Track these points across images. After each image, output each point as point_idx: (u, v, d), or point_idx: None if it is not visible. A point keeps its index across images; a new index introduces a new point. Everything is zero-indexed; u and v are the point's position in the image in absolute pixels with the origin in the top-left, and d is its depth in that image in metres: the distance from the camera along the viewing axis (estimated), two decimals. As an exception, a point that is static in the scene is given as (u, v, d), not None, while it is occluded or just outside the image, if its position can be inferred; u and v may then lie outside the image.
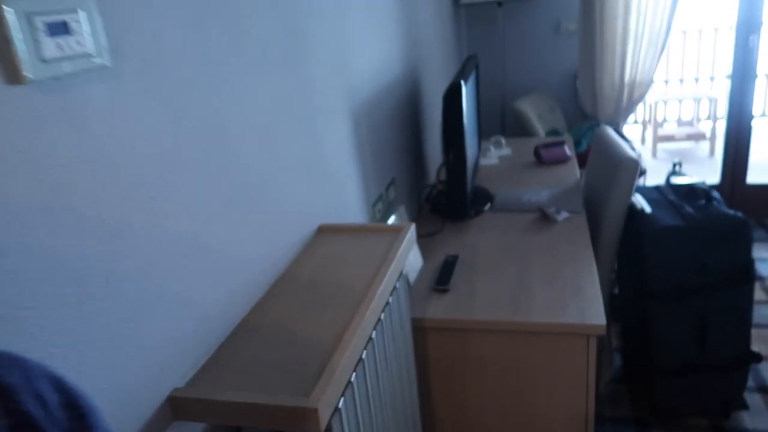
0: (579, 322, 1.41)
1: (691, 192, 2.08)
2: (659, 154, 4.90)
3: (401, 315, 1.18)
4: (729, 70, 3.38)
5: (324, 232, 1.24)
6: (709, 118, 4.85)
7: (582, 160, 3.02)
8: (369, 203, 1.61)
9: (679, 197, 2.08)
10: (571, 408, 1.50)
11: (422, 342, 1.52)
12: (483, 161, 2.65)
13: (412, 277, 1.67)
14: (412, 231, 1.18)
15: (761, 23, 3.21)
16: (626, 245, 2.08)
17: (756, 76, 3.32)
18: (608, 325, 2.32)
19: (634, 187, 2.04)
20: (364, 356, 0.92)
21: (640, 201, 2.07)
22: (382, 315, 1.04)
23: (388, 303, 1.08)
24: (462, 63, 2.12)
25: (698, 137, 4.85)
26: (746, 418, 2.10)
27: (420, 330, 1.51)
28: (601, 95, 3.35)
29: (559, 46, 3.47)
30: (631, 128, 5.27)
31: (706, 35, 5.18)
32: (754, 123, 3.43)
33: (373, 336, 0.98)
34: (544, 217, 2.01)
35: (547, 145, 2.60)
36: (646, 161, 4.73)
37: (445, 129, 1.83)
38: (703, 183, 2.14)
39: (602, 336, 2.17)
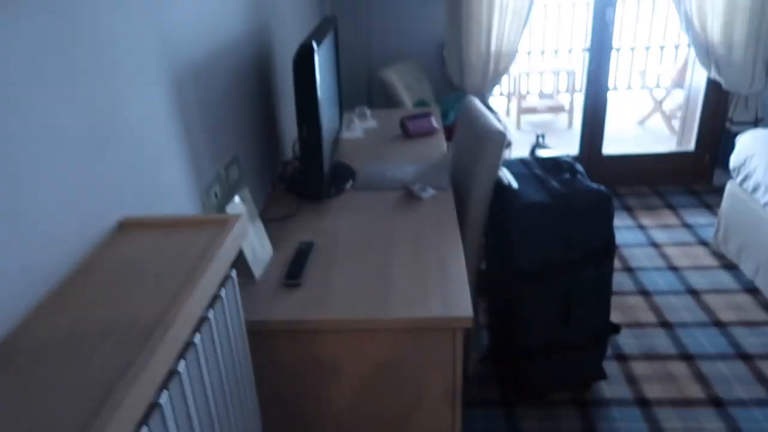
0: (444, 315, 1.27)
1: (557, 166, 2.02)
2: (523, 126, 5.01)
3: (231, 328, 0.95)
4: (586, 43, 3.44)
5: (127, 228, 0.97)
6: (567, 90, 5.01)
7: (449, 133, 2.92)
8: (201, 186, 1.35)
9: (545, 171, 2.02)
10: (436, 401, 1.36)
11: (268, 348, 1.30)
12: (346, 134, 2.45)
13: (259, 271, 1.43)
14: (241, 225, 0.94)
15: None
16: (493, 221, 1.99)
17: (611, 48, 3.41)
18: (475, 304, 2.24)
19: (501, 161, 1.94)
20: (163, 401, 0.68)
21: (506, 176, 1.98)
22: (197, 337, 0.80)
23: (206, 319, 0.84)
24: (317, 25, 1.88)
25: (558, 109, 5.01)
26: (605, 388, 2.12)
27: (265, 335, 1.29)
28: (468, 65, 3.27)
29: (426, 14, 3.33)
30: (496, 100, 5.34)
31: (564, 9, 5.34)
32: (608, 95, 3.54)
33: (181, 370, 0.74)
34: (409, 195, 1.86)
35: (414, 117, 2.45)
36: (511, 133, 4.81)
37: (297, 98, 1.59)
38: (568, 156, 2.09)
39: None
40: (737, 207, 2.71)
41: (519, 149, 4.18)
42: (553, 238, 1.84)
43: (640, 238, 3.10)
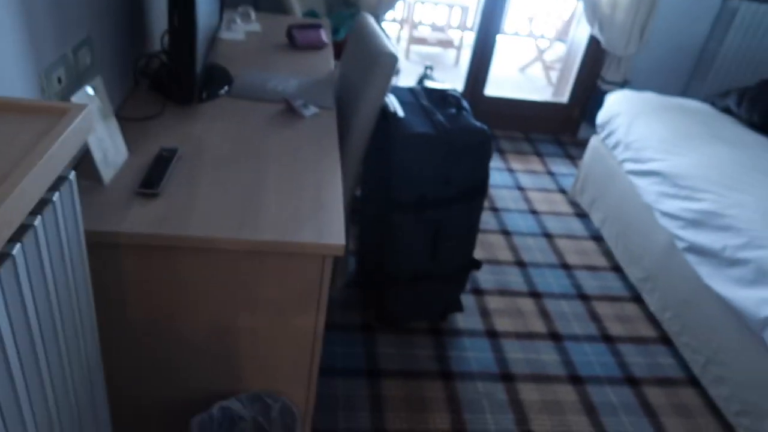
0: (316, 241, 1.20)
1: (444, 99, 1.99)
2: (411, 56, 4.94)
3: (66, 241, 0.81)
4: (485, -21, 3.39)
5: (-70, 103, 0.77)
6: (459, 26, 4.99)
7: (338, 50, 2.78)
8: (40, 67, 1.13)
9: (431, 103, 1.98)
10: (298, 325, 1.32)
11: (115, 263, 1.16)
12: (225, 35, 2.22)
13: (109, 175, 1.26)
14: (85, 116, 0.79)
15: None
16: (375, 148, 1.93)
17: (507, -11, 3.40)
18: (346, 230, 2.20)
19: (390, 86, 1.87)
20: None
21: (393, 102, 1.91)
22: (16, 248, 0.66)
23: (31, 227, 0.70)
24: None
25: (448, 44, 4.99)
26: (460, 319, 2.23)
27: (112, 248, 1.14)
28: (365, -19, 3.10)
29: None
30: (387, 26, 5.19)
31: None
32: (498, 38, 3.56)
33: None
34: (289, 110, 1.73)
35: (302, 27, 2.27)
36: (400, 62, 4.73)
37: (169, -21, 1.38)
38: (455, 90, 2.07)
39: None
40: (597, 161, 2.90)
41: (406, 79, 4.12)
42: (432, 172, 1.82)
43: (508, 180, 3.23)
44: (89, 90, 1.24)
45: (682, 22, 3.54)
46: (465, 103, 1.98)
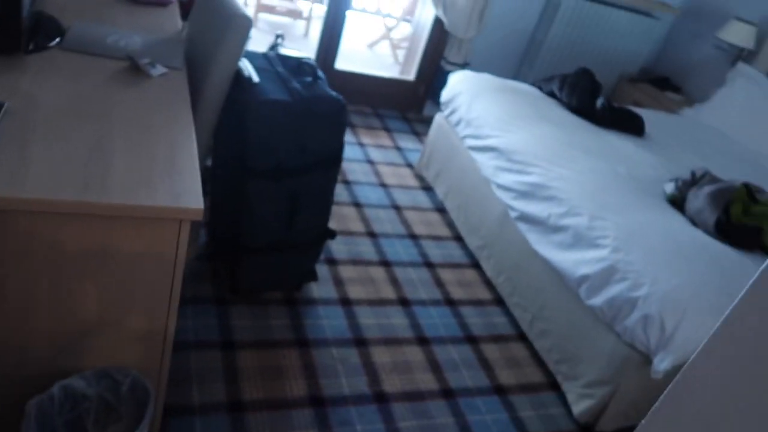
0: (172, 205, 1.14)
1: (299, 67, 1.97)
2: (260, 24, 4.80)
3: None
4: (336, -49, 3.39)
5: None
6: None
7: (185, 10, 2.61)
8: None
9: (287, 70, 1.95)
10: (152, 295, 1.25)
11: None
12: (54, -21, 1.98)
13: None
14: None
15: None
16: (228, 114, 1.86)
17: (358, -36, 3.43)
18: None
19: (243, 50, 1.81)
20: None
21: (247, 67, 1.86)
22: None
23: None
24: None
25: (297, 14, 4.92)
26: (314, 288, 2.26)
27: (-75, 211, 0.99)
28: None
29: None
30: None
31: None
32: (348, 13, 3.59)
33: None
34: (134, 69, 1.60)
35: (145, -20, 2.10)
36: (247, 29, 4.57)
37: None
38: (310, 59, 2.06)
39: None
40: (441, 137, 3.07)
41: (255, 47, 3.99)
42: (289, 140, 1.81)
43: (359, 154, 3.30)
44: None
45: (515, 11, 3.85)
46: (320, 73, 1.98)
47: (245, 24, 1.71)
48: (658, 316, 1.78)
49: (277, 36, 3.06)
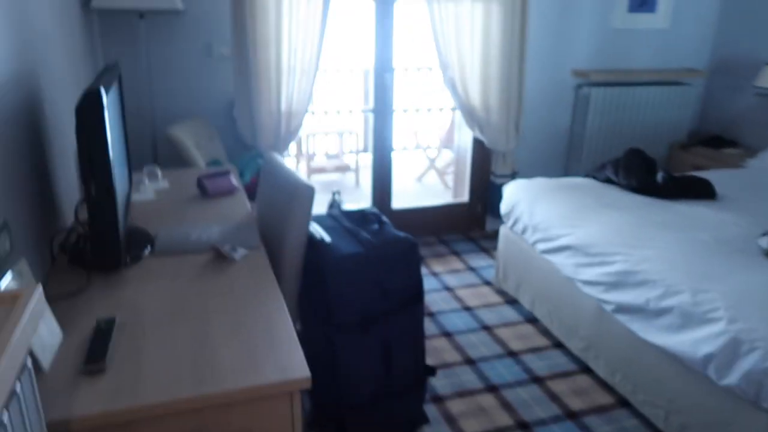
0: (280, 379, 1.17)
1: (364, 217, 2.07)
2: (313, 186, 5.11)
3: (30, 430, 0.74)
4: (370, 105, 3.67)
5: None
6: (352, 151, 5.28)
7: (248, 192, 2.83)
8: (-37, 260, 1.07)
9: (353, 223, 2.05)
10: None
11: (69, 453, 1.06)
12: (136, 197, 2.21)
13: (47, 360, 1.18)
14: (37, 297, 0.76)
15: (393, 67, 3.58)
16: (308, 277, 1.94)
17: (393, 110, 3.68)
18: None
19: (311, 216, 1.92)
20: None
21: (318, 230, 1.96)
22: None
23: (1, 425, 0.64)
24: (99, 72, 1.69)
25: (345, 169, 5.23)
26: (427, 430, 2.17)
27: (64, 437, 1.04)
28: (260, 124, 3.25)
29: (213, 71, 3.25)
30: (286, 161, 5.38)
31: (343, 74, 5.68)
32: (392, 155, 3.80)
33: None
34: (219, 257, 1.72)
35: (212, 176, 2.32)
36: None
37: (83, 152, 1.39)
38: (372, 208, 2.16)
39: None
40: (511, 248, 3.06)
41: (315, 208, 4.22)
42: (369, 288, 1.85)
43: (435, 283, 3.31)
44: (10, 276, 1.18)
45: (549, 113, 3.98)
46: (384, 218, 2.06)
47: (308, 193, 1.83)
48: (808, 383, 1.60)
49: (334, 194, 3.24)
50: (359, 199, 4.66)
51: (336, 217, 2.11)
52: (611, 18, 3.90)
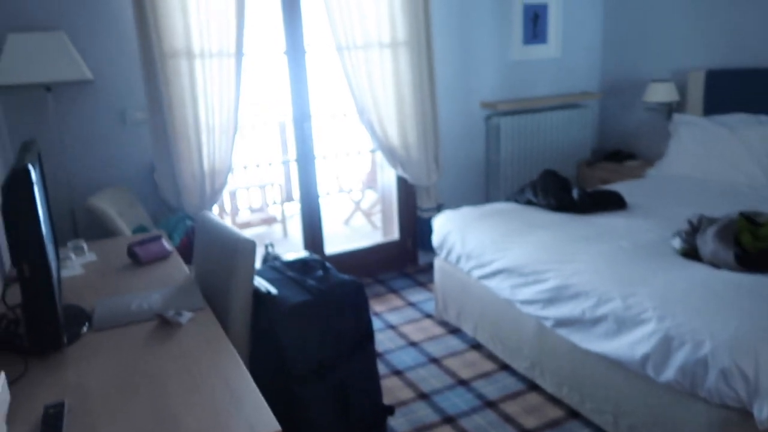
0: (252, 438, 1.15)
1: (306, 265, 2.08)
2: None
3: None
4: (289, 156, 3.71)
5: None
6: (276, 202, 5.26)
7: (181, 254, 2.76)
8: None
9: (297, 272, 2.05)
10: None
11: None
12: (64, 273, 2.11)
13: (-5, 457, 1.10)
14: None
15: (310, 115, 3.65)
16: (259, 331, 1.91)
17: (315, 158, 3.74)
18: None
19: (254, 269, 1.91)
20: None
21: (263, 283, 1.95)
22: None
23: None
24: (19, 150, 1.63)
25: (271, 221, 5.19)
26: (391, 473, 2.15)
27: None
28: (183, 186, 3.20)
29: (129, 137, 3.17)
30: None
31: (261, 127, 5.69)
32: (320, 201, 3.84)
33: None
34: (164, 323, 1.67)
35: (142, 242, 2.25)
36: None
37: (11, 233, 1.33)
38: (312, 255, 2.17)
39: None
40: (447, 278, 3.15)
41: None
42: (322, 334, 1.85)
43: (378, 323, 3.32)
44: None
45: (464, 144, 4.17)
46: (327, 263, 2.08)
47: (250, 247, 1.83)
48: (734, 365, 1.75)
49: (267, 246, 3.22)
50: (289, 249, 4.63)
51: (278, 268, 2.10)
52: (509, 51, 4.18)
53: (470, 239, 2.90)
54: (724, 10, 3.72)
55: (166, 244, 2.29)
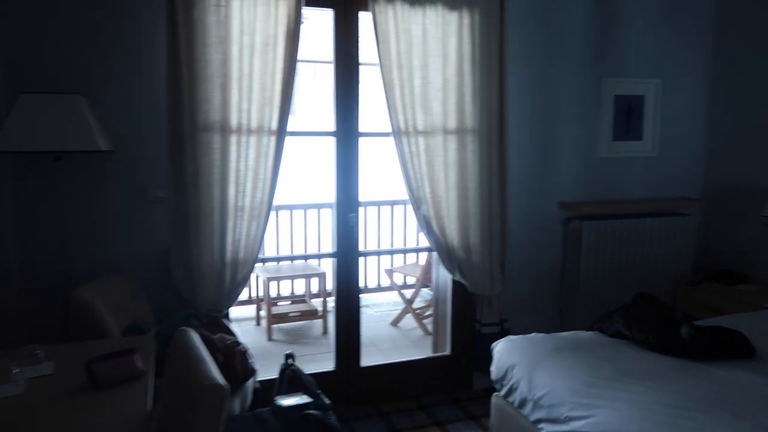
0: None
1: (304, 420, 1.48)
2: (275, 334, 4.50)
3: None
4: (333, 247, 3.20)
5: None
6: (319, 294, 4.74)
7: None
8: None
9: (286, 428, 1.45)
10: None
11: None
12: (1, 390, 1.62)
13: None
14: None
15: (359, 203, 3.16)
16: None
17: (358, 252, 3.21)
18: None
19: (223, 421, 1.34)
20: None
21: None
22: None
23: None
24: None
25: (312, 315, 4.65)
26: None
27: None
28: (200, 275, 2.72)
29: (145, 215, 2.76)
30: (243, 309, 4.79)
31: (309, 214, 5.28)
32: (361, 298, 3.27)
33: None
34: None
35: (111, 357, 1.74)
36: (261, 345, 4.24)
37: None
38: (321, 396, 1.58)
39: None
40: (507, 423, 2.45)
41: (270, 368, 3.56)
42: None
43: (414, 469, 2.62)
44: None
45: (537, 251, 3.54)
46: (333, 418, 1.48)
47: (217, 395, 1.27)
48: None
49: (287, 356, 2.64)
50: (328, 350, 4.00)
51: (262, 421, 1.52)
52: (597, 146, 3.60)
53: (541, 381, 2.22)
54: None
55: (138, 362, 1.76)
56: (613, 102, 3.61)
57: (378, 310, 5.13)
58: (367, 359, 3.34)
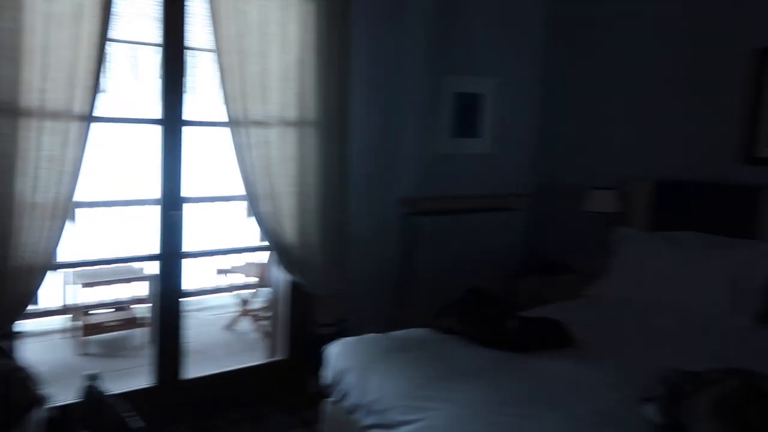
0: None
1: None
2: (91, 347, 3.96)
3: None
4: (156, 249, 2.84)
5: None
6: (147, 300, 4.26)
7: None
8: None
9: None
10: None
11: None
12: None
13: None
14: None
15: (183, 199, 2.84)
16: None
17: (182, 252, 2.88)
18: None
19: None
20: None
21: None
22: None
23: None
24: None
25: (133, 323, 4.15)
26: None
27: None
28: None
29: None
30: (49, 320, 4.16)
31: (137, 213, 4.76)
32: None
33: None
34: None
35: None
36: (69, 363, 3.71)
37: None
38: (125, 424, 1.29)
39: None
40: (338, 431, 2.31)
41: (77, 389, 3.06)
42: None
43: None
44: None
45: (378, 248, 3.46)
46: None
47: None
48: None
49: (89, 377, 2.24)
50: (145, 369, 3.49)
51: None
52: (436, 143, 3.61)
53: (373, 385, 2.10)
54: (674, 119, 3.36)
55: None
56: (454, 99, 3.65)
57: (214, 313, 4.78)
58: (195, 370, 3.03)
